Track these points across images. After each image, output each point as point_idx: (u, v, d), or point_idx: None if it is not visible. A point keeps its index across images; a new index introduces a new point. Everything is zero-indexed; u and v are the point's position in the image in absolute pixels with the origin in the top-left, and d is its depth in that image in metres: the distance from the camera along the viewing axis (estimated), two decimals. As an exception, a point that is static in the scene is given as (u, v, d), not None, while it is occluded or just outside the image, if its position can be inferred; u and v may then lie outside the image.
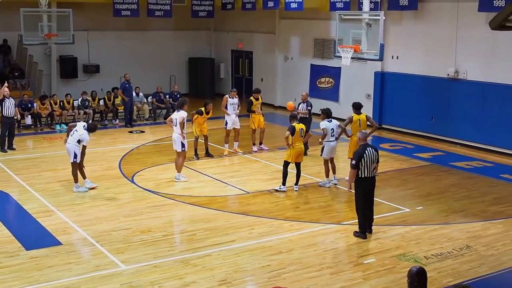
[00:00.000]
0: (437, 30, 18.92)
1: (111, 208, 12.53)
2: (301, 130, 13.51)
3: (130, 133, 20.54)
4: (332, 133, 14.11)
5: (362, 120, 14.32)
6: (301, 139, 13.55)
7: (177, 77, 28.01)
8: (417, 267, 6.15)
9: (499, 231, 11.38)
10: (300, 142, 13.59)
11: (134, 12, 23.87)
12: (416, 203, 13.03)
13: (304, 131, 13.59)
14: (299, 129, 13.49)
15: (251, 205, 12.90)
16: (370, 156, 10.55)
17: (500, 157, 17.19)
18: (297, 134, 13.45)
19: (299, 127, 13.52)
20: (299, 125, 13.60)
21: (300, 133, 13.50)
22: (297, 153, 13.55)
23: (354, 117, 14.34)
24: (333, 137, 14.12)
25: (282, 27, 25.34)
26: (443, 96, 18.91)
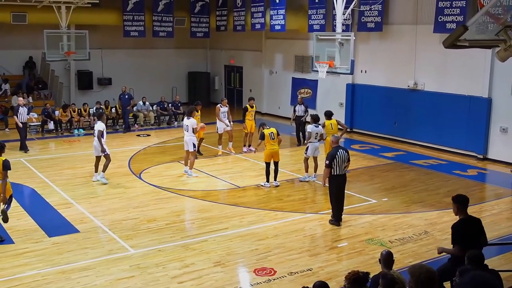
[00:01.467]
0: (399, 48, 18.96)
1: (122, 200, 12.48)
2: (270, 134, 13.50)
3: (138, 137, 20.44)
4: (316, 136, 14.07)
5: (333, 124, 14.36)
6: (272, 141, 13.48)
7: (178, 88, 27.90)
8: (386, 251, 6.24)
9: (452, 218, 11.30)
10: (273, 144, 13.50)
11: (141, 33, 23.80)
12: (382, 195, 13.06)
13: (274, 134, 13.55)
14: (268, 134, 13.49)
15: (241, 197, 12.88)
16: (341, 157, 10.60)
17: (453, 156, 17.25)
18: (267, 138, 13.46)
19: (269, 132, 13.52)
20: (269, 129, 13.58)
21: (270, 137, 13.47)
22: (270, 154, 13.51)
23: (326, 123, 14.34)
24: (316, 139, 14.08)
25: (268, 45, 25.34)
26: (404, 104, 18.95)
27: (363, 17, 19.41)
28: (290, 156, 16.91)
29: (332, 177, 10.71)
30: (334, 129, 14.24)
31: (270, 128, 13.66)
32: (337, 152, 10.64)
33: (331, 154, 10.66)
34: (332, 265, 9.08)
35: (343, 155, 10.67)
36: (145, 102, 22.79)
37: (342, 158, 10.63)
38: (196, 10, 25.42)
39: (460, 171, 15.48)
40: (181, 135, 20.20)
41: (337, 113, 20.74)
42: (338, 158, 10.57)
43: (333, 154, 10.63)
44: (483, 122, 16.48)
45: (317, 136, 14.08)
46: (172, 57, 27.93)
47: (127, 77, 25.96)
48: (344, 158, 10.67)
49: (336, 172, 10.64)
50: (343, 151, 10.74)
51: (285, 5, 21.32)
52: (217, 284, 8.36)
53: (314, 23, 21.06)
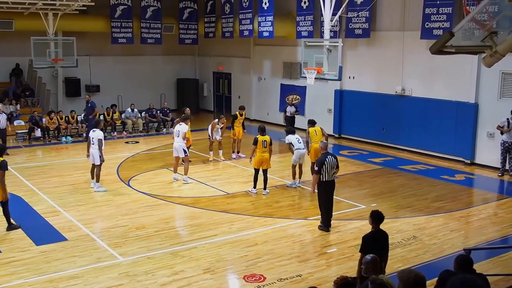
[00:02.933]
0: (387, 54, 19.07)
1: (110, 208, 12.40)
2: (263, 142, 13.40)
3: (126, 144, 20.35)
4: (298, 140, 14.05)
5: (317, 130, 14.31)
6: (264, 149, 13.39)
7: (167, 95, 27.86)
8: (370, 256, 6.18)
9: (440, 223, 11.48)
10: (263, 152, 13.37)
11: (129, 39, 23.78)
12: (371, 201, 13.09)
13: (267, 142, 13.42)
14: (261, 141, 13.41)
15: (230, 204, 12.85)
16: (330, 163, 10.67)
17: (440, 161, 17.35)
18: (259, 145, 13.37)
19: (262, 139, 13.43)
20: (264, 137, 13.47)
21: (262, 144, 13.39)
22: (260, 160, 13.40)
23: (310, 130, 14.34)
24: (300, 143, 14.04)
25: (256, 52, 25.38)
26: (392, 110, 19.04)
27: (351, 24, 19.52)
28: (279, 162, 16.91)
29: (321, 183, 10.76)
30: (318, 135, 14.21)
31: (265, 136, 13.63)
32: (326, 158, 10.69)
33: (320, 160, 10.72)
34: (322, 271, 9.08)
35: (332, 161, 10.73)
36: (134, 109, 22.74)
37: (331, 164, 10.68)
38: (184, 17, 25.45)
39: (448, 176, 15.56)
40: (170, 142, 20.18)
41: (326, 119, 20.91)
42: (327, 164, 10.62)
43: (322, 160, 10.68)
44: (470, 127, 16.61)
45: (299, 140, 14.07)
46: (160, 63, 27.90)
47: (115, 84, 25.91)
48: (333, 164, 10.73)
49: (325, 178, 10.68)
50: (332, 157, 10.79)
51: (273, 12, 21.38)
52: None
53: (302, 30, 21.16)
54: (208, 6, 25.31)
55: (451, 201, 13.13)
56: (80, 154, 18.16)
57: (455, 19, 15.81)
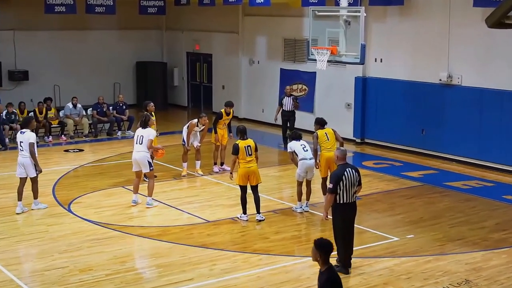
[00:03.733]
0: (427, 28, 19.20)
1: (43, 242, 12.32)
2: (247, 148, 13.30)
3: (66, 152, 20.31)
4: (304, 148, 14.00)
5: (328, 133, 14.31)
6: (249, 157, 13.30)
7: (123, 85, 27.89)
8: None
9: (502, 262, 11.50)
10: (249, 162, 13.31)
11: (70, 8, 23.61)
12: (406, 231, 13.10)
13: (252, 148, 13.36)
14: (244, 147, 13.31)
15: (212, 236, 12.82)
16: (350, 178, 10.58)
17: (502, 175, 17.43)
18: (242, 152, 13.28)
19: (245, 145, 13.36)
20: (245, 141, 13.42)
21: (246, 152, 13.29)
22: (245, 174, 13.33)
23: (319, 133, 14.33)
24: (307, 152, 14.01)
25: (247, 25, 25.44)
26: (435, 105, 19.12)
27: (378, -15, 19.67)
28: (278, 177, 16.92)
29: (337, 206, 10.67)
30: (330, 140, 14.24)
31: (247, 140, 13.57)
32: (344, 171, 10.61)
33: (337, 175, 10.64)
34: (339, 329, 9.06)
35: (352, 176, 10.64)
36: (76, 104, 22.69)
37: (351, 181, 10.60)
38: (146, -23, 25.45)
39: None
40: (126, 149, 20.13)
41: (343, 118, 21.00)
42: (346, 180, 10.53)
43: (338, 175, 10.59)
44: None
45: (305, 148, 14.04)
46: (113, 41, 27.92)
47: (50, 70, 25.91)
48: (353, 180, 10.64)
49: (343, 200, 10.60)
50: (352, 171, 10.71)
51: (270, -30, 21.48)
52: None
53: (310, -6, 21.25)
54: (179, -38, 25.37)
55: (517, 230, 13.19)
56: (1, 168, 18.06)
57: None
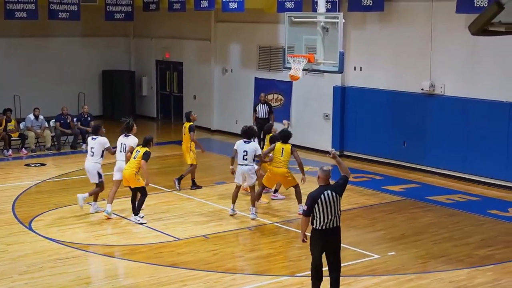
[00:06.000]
0: (408, 35, 19.36)
1: (2, 263, 12.21)
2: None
3: (27, 167, 20.17)
4: (245, 155, 14.52)
5: (285, 151, 14.76)
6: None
7: (88, 95, 27.79)
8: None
9: (488, 280, 11.59)
10: None
11: (32, 13, 23.55)
12: (387, 248, 13.17)
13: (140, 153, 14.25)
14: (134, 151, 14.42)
15: (182, 254, 12.79)
16: (327, 201, 9.78)
17: (488, 189, 17.57)
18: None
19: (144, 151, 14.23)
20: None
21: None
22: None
23: (277, 146, 14.81)
24: (245, 160, 14.50)
25: (219, 32, 25.50)
26: (417, 116, 19.25)
27: (357, -9, 19.83)
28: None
29: (314, 231, 9.99)
30: (284, 157, 14.74)
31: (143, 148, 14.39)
32: (322, 194, 9.85)
33: (312, 197, 9.90)
34: None
35: (331, 198, 9.84)
36: (38, 115, 22.59)
37: (330, 204, 9.81)
38: (113, -19, 25.43)
39: (498, 211, 15.76)
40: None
41: (321, 129, 21.13)
42: (322, 203, 9.77)
43: (315, 197, 9.86)
44: (529, 140, 16.93)
45: (246, 155, 14.44)
46: (78, 49, 27.85)
47: (10, 79, 25.76)
48: (333, 204, 9.83)
49: (320, 225, 9.87)
50: (332, 193, 9.87)
51: (244, -26, 21.56)
52: None
53: (286, 0, 21.32)
54: (148, -35, 25.40)
55: (503, 246, 13.29)
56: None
57: (506, -16, 16.13)
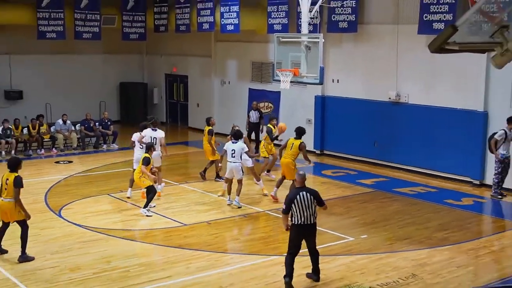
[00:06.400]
0: (378, 52, 19.39)
1: (36, 245, 12.18)
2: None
3: (57, 164, 20.13)
4: (233, 153, 14.54)
5: (294, 146, 14.83)
6: None
7: (107, 103, 27.70)
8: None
9: (444, 258, 11.64)
10: None
11: (60, 34, 23.59)
12: (360, 232, 13.21)
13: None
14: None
15: (188, 237, 12.81)
16: (302, 201, 9.81)
17: (444, 182, 17.63)
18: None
19: None
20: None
21: None
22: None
23: (289, 140, 14.94)
24: (233, 157, 14.57)
25: (218, 50, 25.49)
26: (385, 121, 19.30)
27: (334, 15, 19.80)
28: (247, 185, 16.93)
29: (293, 226, 10.06)
30: (292, 150, 14.79)
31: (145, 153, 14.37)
32: (297, 195, 9.85)
33: (289, 198, 9.95)
34: (302, 319, 9.11)
35: (306, 199, 9.84)
36: (66, 120, 22.56)
37: (304, 203, 9.82)
38: (129, 7, 25.38)
39: (453, 200, 15.82)
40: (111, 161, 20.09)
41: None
42: (298, 203, 9.79)
43: (291, 198, 9.88)
44: (479, 141, 16.95)
45: (234, 153, 14.49)
46: (99, 64, 27.76)
47: (42, 90, 25.66)
48: (307, 203, 9.83)
49: (298, 221, 9.90)
50: (307, 194, 9.88)
51: (239, 1, 21.53)
52: None
53: (274, 23, 21.36)
54: (158, -6, 25.39)
55: (457, 230, 13.35)
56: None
57: (459, 10, 16.19)
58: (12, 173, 11.24)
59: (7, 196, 11.12)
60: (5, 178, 11.23)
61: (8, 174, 11.24)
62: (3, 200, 11.16)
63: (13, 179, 11.11)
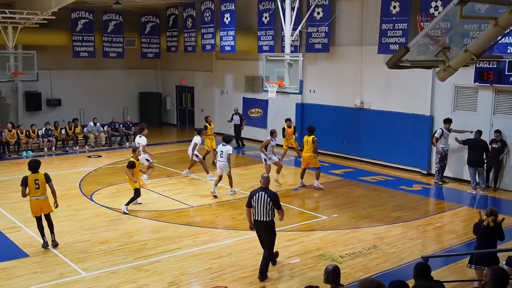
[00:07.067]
0: (346, 68, 19.38)
1: (72, 223, 12.18)
2: None
3: (89, 158, 20.05)
4: (221, 154, 14.29)
5: (309, 141, 15.09)
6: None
7: (129, 109, 27.60)
8: (332, 265, 6.29)
9: (399, 232, 11.69)
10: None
11: (91, 53, 23.54)
12: (332, 211, 13.23)
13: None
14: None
15: (194, 217, 12.80)
16: (258, 200, 9.00)
17: (399, 172, 17.67)
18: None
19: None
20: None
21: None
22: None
23: (304, 137, 15.19)
24: (222, 158, 14.28)
25: (219, 66, 25.44)
26: (352, 123, 19.33)
27: (311, 39, 19.80)
28: (241, 175, 16.93)
29: (254, 221, 9.32)
30: (308, 145, 15.08)
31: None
32: (256, 193, 9.09)
33: (250, 194, 9.25)
34: (285, 281, 9.12)
35: (262, 198, 8.98)
36: (96, 123, 22.47)
37: (259, 202, 9.00)
38: (146, 31, 25.36)
39: (406, 186, 15.87)
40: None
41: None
42: (254, 200, 9.05)
43: (250, 193, 9.23)
44: (426, 139, 16.98)
45: (222, 154, 14.28)
46: (122, 77, 27.66)
47: (77, 98, 25.55)
48: (262, 203, 8.98)
49: (255, 217, 9.19)
50: (264, 195, 9.00)
51: (235, 27, 21.52)
52: (171, 305, 8.25)
53: (263, 44, 21.34)
54: (170, 21, 25.30)
55: (409, 210, 13.39)
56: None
57: (410, 34, 16.24)
58: (36, 174, 10.46)
59: (42, 193, 10.44)
60: (33, 179, 10.39)
61: (34, 175, 10.42)
62: (37, 199, 10.42)
63: (44, 177, 10.43)
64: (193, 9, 23.71)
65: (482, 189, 15.03)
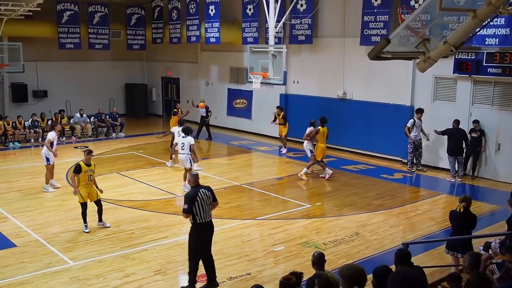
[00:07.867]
0: (329, 60, 19.38)
1: (59, 213, 12.08)
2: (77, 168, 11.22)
3: (75, 149, 19.87)
4: (182, 146, 14.03)
5: (325, 133, 15.28)
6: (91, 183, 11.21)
7: (116, 100, 27.33)
8: (318, 252, 6.36)
9: (380, 220, 11.78)
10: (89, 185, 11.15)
11: (77, 45, 23.25)
12: (316, 200, 13.28)
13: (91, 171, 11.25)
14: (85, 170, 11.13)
15: (180, 206, 12.71)
16: (203, 198, 8.15)
17: (380, 161, 17.77)
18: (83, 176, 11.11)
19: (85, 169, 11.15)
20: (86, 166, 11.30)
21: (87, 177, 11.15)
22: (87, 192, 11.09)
23: (320, 129, 15.19)
24: (183, 150, 14.01)
25: (204, 57, 25.31)
26: (334, 113, 19.28)
27: (294, 30, 19.76)
28: (227, 164, 16.92)
29: (196, 226, 8.20)
30: (325, 137, 15.29)
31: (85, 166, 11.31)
32: (198, 192, 8.14)
33: (190, 196, 8.12)
34: (270, 268, 9.15)
35: (205, 195, 8.18)
36: (83, 114, 22.27)
37: (205, 200, 8.17)
38: (132, 23, 25.10)
39: (387, 175, 15.96)
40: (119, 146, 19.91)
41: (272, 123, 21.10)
42: (200, 200, 8.12)
43: (192, 196, 8.09)
44: (407, 128, 17.08)
45: (183, 146, 14.02)
46: (108, 69, 27.38)
47: (63, 90, 25.25)
48: (207, 200, 8.21)
49: (200, 219, 8.16)
50: (206, 191, 8.22)
51: (219, 19, 21.39)
52: (158, 292, 8.25)
53: (248, 36, 21.25)
54: (155, 13, 25.07)
55: (390, 198, 13.49)
56: (28, 160, 17.62)
57: (392, 26, 16.27)
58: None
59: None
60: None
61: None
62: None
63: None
64: (178, 1, 23.51)
65: (460, 177, 15.19)
